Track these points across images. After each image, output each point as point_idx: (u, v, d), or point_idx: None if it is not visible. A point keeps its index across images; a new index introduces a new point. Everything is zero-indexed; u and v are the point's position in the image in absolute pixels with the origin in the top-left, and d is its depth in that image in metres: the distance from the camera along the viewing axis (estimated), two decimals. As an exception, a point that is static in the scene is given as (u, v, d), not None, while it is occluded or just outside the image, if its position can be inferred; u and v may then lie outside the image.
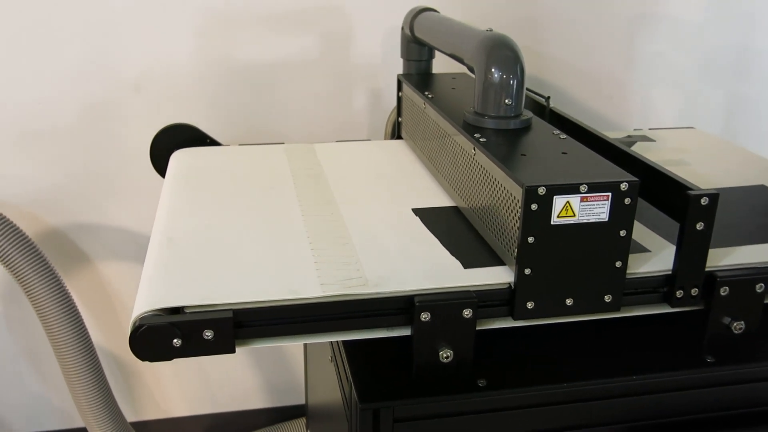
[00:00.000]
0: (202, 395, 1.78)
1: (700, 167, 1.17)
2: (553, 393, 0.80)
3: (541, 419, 0.81)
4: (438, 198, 1.01)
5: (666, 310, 0.82)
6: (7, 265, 1.28)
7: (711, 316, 0.82)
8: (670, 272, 0.81)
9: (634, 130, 1.38)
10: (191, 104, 1.49)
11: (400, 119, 1.28)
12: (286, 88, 1.51)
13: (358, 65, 1.52)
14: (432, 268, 0.80)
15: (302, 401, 1.81)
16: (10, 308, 1.59)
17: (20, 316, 1.60)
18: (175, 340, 0.70)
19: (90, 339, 1.38)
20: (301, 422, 1.71)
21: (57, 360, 1.37)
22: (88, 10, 1.38)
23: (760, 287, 0.82)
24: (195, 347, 0.71)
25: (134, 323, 0.70)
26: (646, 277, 0.81)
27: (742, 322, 0.83)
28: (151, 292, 0.75)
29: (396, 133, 1.32)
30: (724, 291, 0.81)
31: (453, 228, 0.92)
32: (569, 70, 1.62)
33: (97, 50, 1.41)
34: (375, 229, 0.91)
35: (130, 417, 1.76)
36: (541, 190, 0.73)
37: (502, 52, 0.92)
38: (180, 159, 1.16)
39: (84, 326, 1.36)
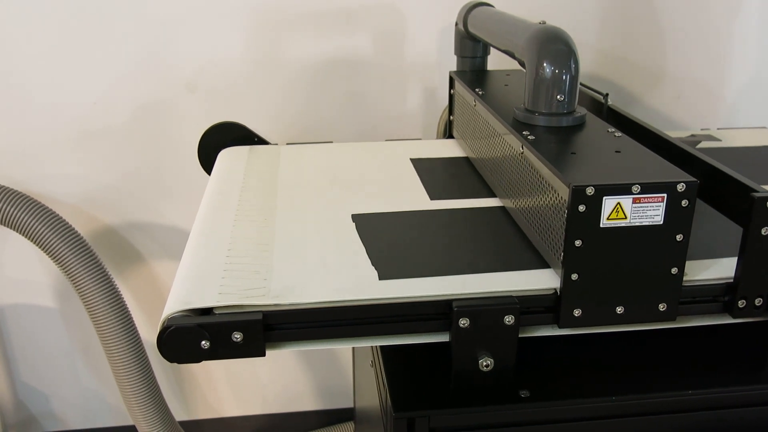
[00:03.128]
0: (254, 396, 1.78)
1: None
2: (601, 406, 0.75)
3: (588, 434, 0.76)
4: (401, 203, 0.96)
5: (727, 320, 0.76)
6: (58, 263, 1.30)
7: (777, 328, 0.76)
8: (731, 280, 0.75)
9: (701, 129, 1.31)
10: (245, 103, 1.48)
11: (451, 118, 1.25)
12: (339, 86, 1.49)
13: (412, 63, 1.49)
14: (345, 279, 0.75)
15: (352, 404, 1.79)
16: (65, 305, 1.62)
17: (76, 313, 1.63)
18: (203, 342, 0.68)
19: (139, 337, 1.38)
20: (350, 426, 1.69)
21: (106, 358, 1.38)
22: (141, 11, 1.39)
23: (833, 298, 0.75)
24: (224, 350, 0.69)
25: (163, 323, 0.69)
26: (704, 285, 0.75)
27: (813, 335, 0.76)
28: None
29: (448, 132, 1.28)
30: (792, 302, 0.75)
31: (401, 233, 0.88)
32: (636, 68, 1.55)
33: (151, 51, 1.42)
34: (304, 236, 0.86)
35: (182, 416, 1.77)
36: (590, 191, 0.68)
37: (554, 46, 0.88)
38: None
39: (133, 324, 1.37)
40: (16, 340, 1.65)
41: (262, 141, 1.23)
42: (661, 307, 0.73)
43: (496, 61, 1.29)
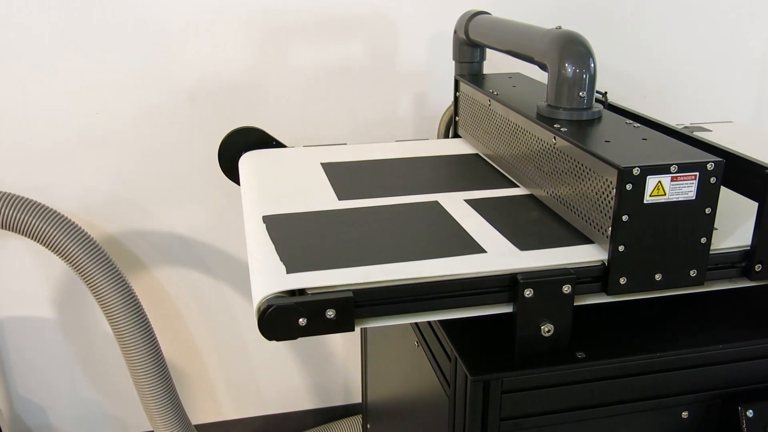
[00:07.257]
0: (252, 398, 1.82)
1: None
2: (647, 363, 0.85)
3: (637, 388, 0.85)
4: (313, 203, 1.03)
5: (746, 284, 0.87)
6: (77, 270, 1.33)
7: (789, 288, 0.88)
8: (748, 248, 0.86)
9: (677, 124, 1.44)
10: (245, 111, 1.54)
11: (457, 118, 1.34)
12: (335, 92, 1.56)
13: (403, 70, 1.58)
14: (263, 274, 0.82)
15: (349, 401, 1.85)
16: (65, 315, 1.63)
17: (75, 323, 1.64)
18: (300, 320, 0.74)
19: (157, 341, 1.42)
20: (357, 420, 1.74)
21: (126, 363, 1.41)
22: (144, 20, 1.43)
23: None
24: (318, 326, 0.75)
25: (260, 307, 0.75)
26: (726, 252, 0.86)
27: (819, 293, 0.88)
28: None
29: (453, 131, 1.37)
30: (801, 264, 0.86)
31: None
32: (603, 70, 1.67)
33: (152, 60, 1.46)
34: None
35: (183, 420, 1.79)
36: (636, 171, 0.77)
37: (575, 48, 0.98)
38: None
39: (151, 329, 1.40)
40: (12, 352, 1.65)
41: (280, 144, 1.29)
42: (692, 273, 0.83)
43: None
